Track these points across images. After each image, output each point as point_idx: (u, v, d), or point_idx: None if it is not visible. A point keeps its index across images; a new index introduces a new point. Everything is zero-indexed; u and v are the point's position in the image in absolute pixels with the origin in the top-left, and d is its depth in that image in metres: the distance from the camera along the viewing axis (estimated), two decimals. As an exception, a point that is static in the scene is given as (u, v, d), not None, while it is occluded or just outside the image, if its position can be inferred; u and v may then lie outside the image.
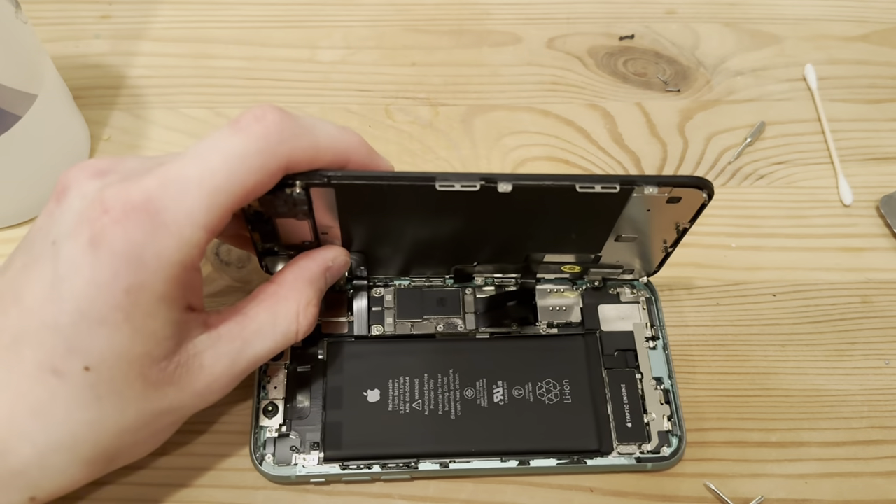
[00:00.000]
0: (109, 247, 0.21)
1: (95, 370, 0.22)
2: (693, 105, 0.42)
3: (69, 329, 0.21)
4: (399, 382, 0.30)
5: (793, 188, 0.39)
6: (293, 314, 0.26)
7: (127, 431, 0.24)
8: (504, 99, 0.42)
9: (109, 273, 0.21)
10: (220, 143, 0.22)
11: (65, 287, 0.21)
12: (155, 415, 0.24)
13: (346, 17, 0.45)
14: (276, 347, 0.26)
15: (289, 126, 0.23)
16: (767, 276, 0.36)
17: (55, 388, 0.22)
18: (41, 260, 0.22)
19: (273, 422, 0.29)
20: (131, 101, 0.40)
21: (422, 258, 0.31)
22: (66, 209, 0.22)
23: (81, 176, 0.23)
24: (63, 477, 0.23)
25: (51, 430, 0.22)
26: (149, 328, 0.22)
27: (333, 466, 0.29)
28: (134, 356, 0.22)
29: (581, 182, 0.25)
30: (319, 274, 0.28)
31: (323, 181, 0.25)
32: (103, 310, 0.21)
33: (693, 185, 0.26)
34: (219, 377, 0.25)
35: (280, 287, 0.27)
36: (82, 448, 0.23)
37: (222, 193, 0.22)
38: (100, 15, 0.43)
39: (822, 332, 0.34)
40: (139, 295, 0.22)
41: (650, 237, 0.30)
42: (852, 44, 0.45)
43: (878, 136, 0.41)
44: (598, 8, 0.46)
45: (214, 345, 0.25)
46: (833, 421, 0.32)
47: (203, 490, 0.29)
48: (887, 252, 0.37)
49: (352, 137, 0.25)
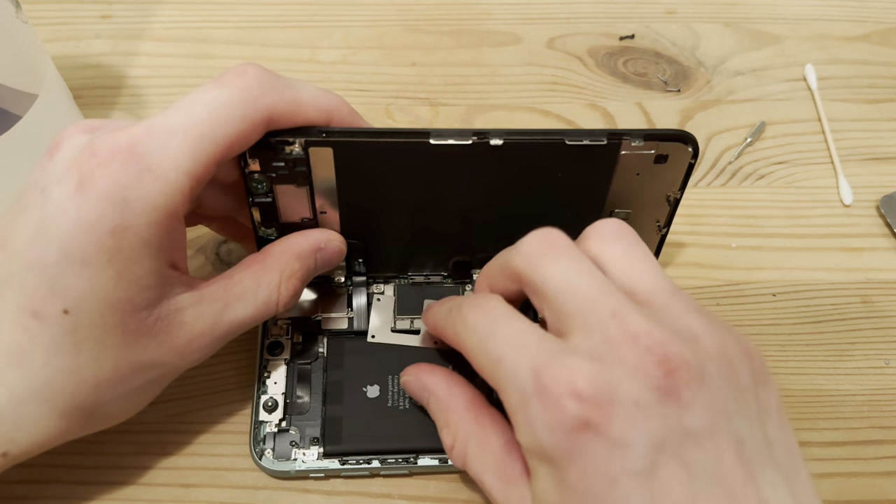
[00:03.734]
0: (96, 188, 0.21)
1: (74, 313, 0.22)
2: (693, 105, 0.42)
3: (52, 269, 0.22)
4: (398, 378, 0.30)
5: (793, 188, 0.39)
6: (275, 284, 0.27)
7: (105, 383, 0.24)
8: (504, 99, 0.42)
9: (95, 214, 0.21)
10: (203, 96, 0.23)
11: (51, 228, 0.22)
12: (134, 368, 0.24)
13: (346, 17, 0.45)
14: (256, 314, 0.26)
15: (270, 80, 0.24)
16: (767, 276, 0.36)
17: (34, 332, 0.22)
18: (30, 207, 0.23)
19: (273, 417, 0.29)
20: (131, 101, 0.40)
21: (420, 247, 0.31)
22: (58, 160, 0.23)
23: (74, 132, 0.24)
24: (38, 429, 0.23)
25: (28, 377, 0.22)
26: (132, 273, 0.22)
27: (333, 461, 0.29)
28: (115, 301, 0.22)
29: (570, 136, 0.26)
30: (309, 251, 0.28)
31: (320, 137, 0.26)
32: (88, 250, 0.22)
33: (677, 139, 0.27)
34: (199, 336, 0.25)
35: (267, 257, 0.27)
36: (59, 398, 0.23)
37: (206, 141, 0.23)
38: (100, 15, 0.43)
39: (822, 332, 0.34)
40: (123, 237, 0.22)
41: (643, 213, 0.30)
42: (852, 44, 0.45)
43: (878, 136, 0.41)
44: (598, 8, 0.46)
45: (196, 303, 0.25)
46: (833, 421, 0.32)
47: (203, 490, 0.29)
48: (887, 252, 0.37)
49: (334, 97, 0.26)
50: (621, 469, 0.19)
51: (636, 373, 0.20)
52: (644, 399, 0.19)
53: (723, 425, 0.20)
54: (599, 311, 0.21)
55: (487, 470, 0.24)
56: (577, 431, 0.19)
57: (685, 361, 0.20)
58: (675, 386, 0.20)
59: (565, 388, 0.20)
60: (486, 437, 0.24)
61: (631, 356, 0.20)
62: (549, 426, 0.20)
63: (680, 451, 0.19)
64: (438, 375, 0.27)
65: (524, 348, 0.21)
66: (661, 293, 0.23)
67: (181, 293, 0.24)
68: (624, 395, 0.19)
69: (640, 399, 0.19)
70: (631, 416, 0.19)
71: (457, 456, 0.26)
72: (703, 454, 0.19)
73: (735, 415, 0.20)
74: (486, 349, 0.22)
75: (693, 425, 0.19)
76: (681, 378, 0.20)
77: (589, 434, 0.19)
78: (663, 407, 0.19)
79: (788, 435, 0.22)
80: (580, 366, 0.20)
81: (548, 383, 0.20)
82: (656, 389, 0.19)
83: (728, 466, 0.19)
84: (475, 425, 0.25)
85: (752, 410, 0.21)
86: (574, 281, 0.22)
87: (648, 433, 0.19)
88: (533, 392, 0.20)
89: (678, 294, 0.23)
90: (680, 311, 0.22)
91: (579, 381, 0.20)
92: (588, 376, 0.20)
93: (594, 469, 0.19)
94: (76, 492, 0.28)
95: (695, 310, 0.22)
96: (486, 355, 0.22)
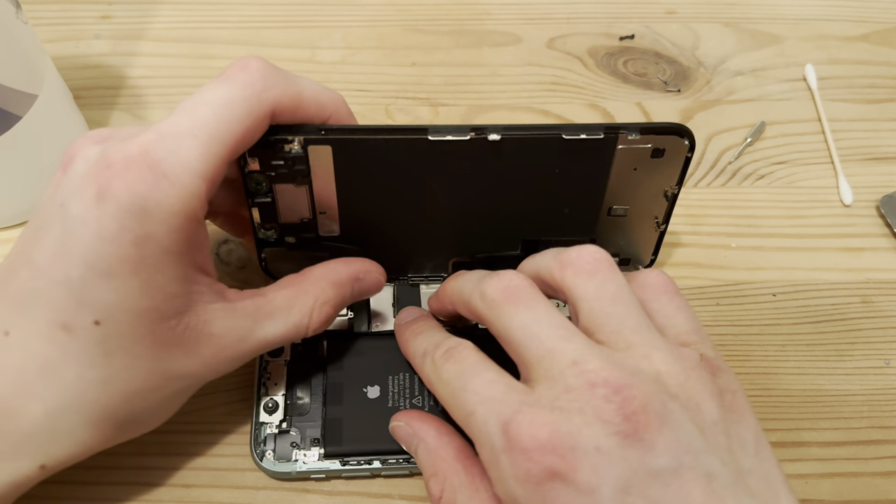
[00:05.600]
0: (114, 199, 0.22)
1: (104, 324, 0.22)
2: (693, 105, 0.42)
3: (78, 283, 0.22)
4: (399, 378, 0.30)
5: (793, 188, 0.39)
6: (308, 308, 0.27)
7: (137, 393, 0.24)
8: (504, 99, 0.42)
9: (116, 226, 0.22)
10: (208, 95, 0.23)
11: (73, 242, 0.22)
12: (164, 377, 0.24)
13: (346, 17, 0.45)
14: (285, 335, 0.27)
15: (272, 73, 0.24)
16: (767, 276, 0.36)
17: (65, 345, 0.22)
18: (50, 223, 0.23)
19: (273, 418, 0.29)
20: (131, 101, 0.40)
21: (419, 248, 0.31)
22: (72, 174, 0.23)
23: (85, 144, 0.24)
24: (72, 441, 0.24)
25: (61, 390, 0.23)
26: (157, 281, 0.23)
27: (334, 462, 0.29)
28: (142, 310, 0.23)
29: (567, 131, 0.27)
30: (347, 280, 0.28)
31: (319, 134, 0.26)
32: (111, 262, 0.22)
33: (673, 132, 0.27)
34: (225, 348, 0.25)
35: (304, 280, 0.27)
36: (91, 409, 0.23)
37: (215, 142, 0.23)
38: (100, 15, 0.43)
39: (822, 332, 0.34)
40: (146, 247, 0.22)
41: (641, 209, 0.30)
42: (852, 44, 0.45)
43: (878, 136, 0.41)
44: (598, 8, 0.46)
45: (228, 315, 0.25)
46: (833, 421, 0.32)
47: (203, 490, 0.29)
48: (887, 252, 0.37)
49: (334, 94, 0.26)
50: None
51: (595, 420, 0.20)
52: (605, 444, 0.20)
53: (689, 462, 0.20)
54: (559, 360, 0.22)
55: None
56: (545, 482, 0.20)
57: (643, 405, 0.20)
58: (634, 429, 0.20)
59: (530, 440, 0.20)
60: (476, 488, 0.24)
61: (589, 404, 0.20)
62: (518, 479, 0.20)
63: (646, 491, 0.20)
64: (429, 423, 0.27)
65: (492, 402, 0.22)
66: (626, 332, 0.23)
67: (211, 303, 0.25)
68: (585, 442, 0.20)
69: (601, 444, 0.20)
70: (594, 462, 0.20)
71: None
72: (670, 492, 0.20)
73: (702, 451, 0.20)
74: (459, 403, 0.23)
75: (657, 465, 0.20)
76: (639, 421, 0.20)
77: (557, 483, 0.20)
78: (625, 451, 0.20)
79: (767, 464, 0.22)
80: (542, 417, 0.21)
81: (514, 436, 0.21)
82: (616, 434, 0.20)
83: (698, 502, 0.20)
84: (465, 475, 0.25)
85: (721, 445, 0.21)
86: (534, 330, 0.23)
87: (613, 477, 0.20)
88: (502, 447, 0.21)
89: (647, 331, 0.23)
90: (646, 350, 0.22)
91: (542, 432, 0.20)
92: (550, 428, 0.20)
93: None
94: (77, 492, 0.28)
95: (664, 348, 0.22)
96: (459, 409, 0.23)
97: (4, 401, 0.23)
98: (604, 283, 0.24)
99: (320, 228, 0.30)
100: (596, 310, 0.23)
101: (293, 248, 0.30)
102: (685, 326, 0.25)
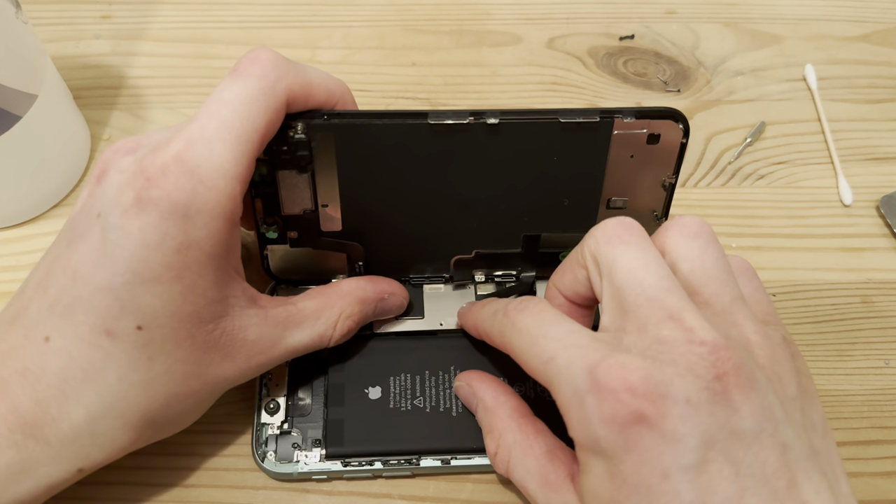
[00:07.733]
0: (155, 207, 0.22)
1: (147, 328, 0.23)
2: (693, 105, 0.42)
3: (122, 290, 0.22)
4: (400, 379, 0.30)
5: (793, 188, 0.39)
6: (333, 320, 0.28)
7: (175, 396, 0.24)
8: (504, 99, 0.42)
9: (159, 234, 0.22)
10: (226, 94, 0.23)
11: (116, 251, 0.22)
12: (201, 381, 0.25)
13: (346, 17, 0.45)
14: (310, 345, 0.28)
15: (283, 63, 0.24)
16: (767, 276, 0.36)
17: (108, 350, 0.23)
18: (88, 232, 0.23)
19: (275, 419, 0.29)
20: (131, 101, 0.40)
21: (421, 244, 0.31)
22: (107, 185, 0.23)
23: (116, 155, 0.24)
24: (111, 444, 0.24)
25: (103, 393, 0.23)
26: (199, 287, 0.23)
27: (335, 463, 0.29)
28: (184, 315, 0.23)
29: (564, 115, 0.27)
30: (372, 298, 0.30)
31: (322, 119, 0.26)
32: (155, 269, 0.22)
33: (668, 116, 0.28)
34: (257, 354, 0.26)
35: (333, 293, 0.29)
36: (132, 412, 0.24)
37: (242, 141, 0.23)
38: (100, 15, 0.43)
39: (822, 332, 0.34)
40: (188, 253, 0.22)
41: (640, 201, 0.30)
42: (852, 44, 0.45)
43: (878, 136, 0.41)
44: (598, 8, 0.46)
45: (261, 322, 0.26)
46: (833, 421, 0.32)
47: (203, 490, 0.29)
48: (887, 252, 0.37)
49: (340, 82, 0.27)
50: (673, 463, 0.20)
51: (688, 373, 0.20)
52: (695, 398, 0.20)
53: (769, 429, 0.20)
54: (657, 311, 0.22)
55: (530, 476, 0.25)
56: (631, 425, 0.20)
57: (735, 367, 0.20)
58: (724, 388, 0.20)
59: (620, 383, 0.20)
60: (530, 445, 0.25)
61: (683, 357, 0.21)
62: (604, 420, 0.20)
63: (728, 449, 0.20)
64: (487, 383, 0.28)
65: (576, 347, 0.22)
66: (725, 298, 0.23)
67: (245, 308, 0.25)
68: (676, 392, 0.20)
69: (692, 397, 0.20)
70: (683, 412, 0.20)
71: (500, 462, 0.26)
72: (749, 455, 0.20)
73: (781, 422, 0.21)
74: (537, 350, 0.23)
75: (741, 426, 0.20)
76: (730, 382, 0.20)
77: (643, 427, 0.20)
78: (713, 407, 0.20)
79: (832, 450, 0.23)
80: (634, 363, 0.20)
81: (603, 379, 0.20)
82: (707, 389, 0.20)
83: (773, 469, 0.20)
84: (519, 433, 0.26)
85: (797, 420, 0.22)
86: (639, 275, 0.22)
87: (699, 429, 0.20)
88: (588, 388, 0.21)
89: (742, 302, 0.23)
90: (739, 319, 0.23)
91: (634, 377, 0.20)
92: (642, 373, 0.20)
93: (647, 462, 0.20)
94: (77, 491, 0.28)
95: (755, 320, 0.23)
96: (537, 356, 0.23)
97: (46, 406, 0.23)
98: (707, 245, 0.24)
99: (322, 223, 0.30)
100: (698, 270, 0.23)
101: (295, 244, 0.30)
102: (765, 308, 0.25)
